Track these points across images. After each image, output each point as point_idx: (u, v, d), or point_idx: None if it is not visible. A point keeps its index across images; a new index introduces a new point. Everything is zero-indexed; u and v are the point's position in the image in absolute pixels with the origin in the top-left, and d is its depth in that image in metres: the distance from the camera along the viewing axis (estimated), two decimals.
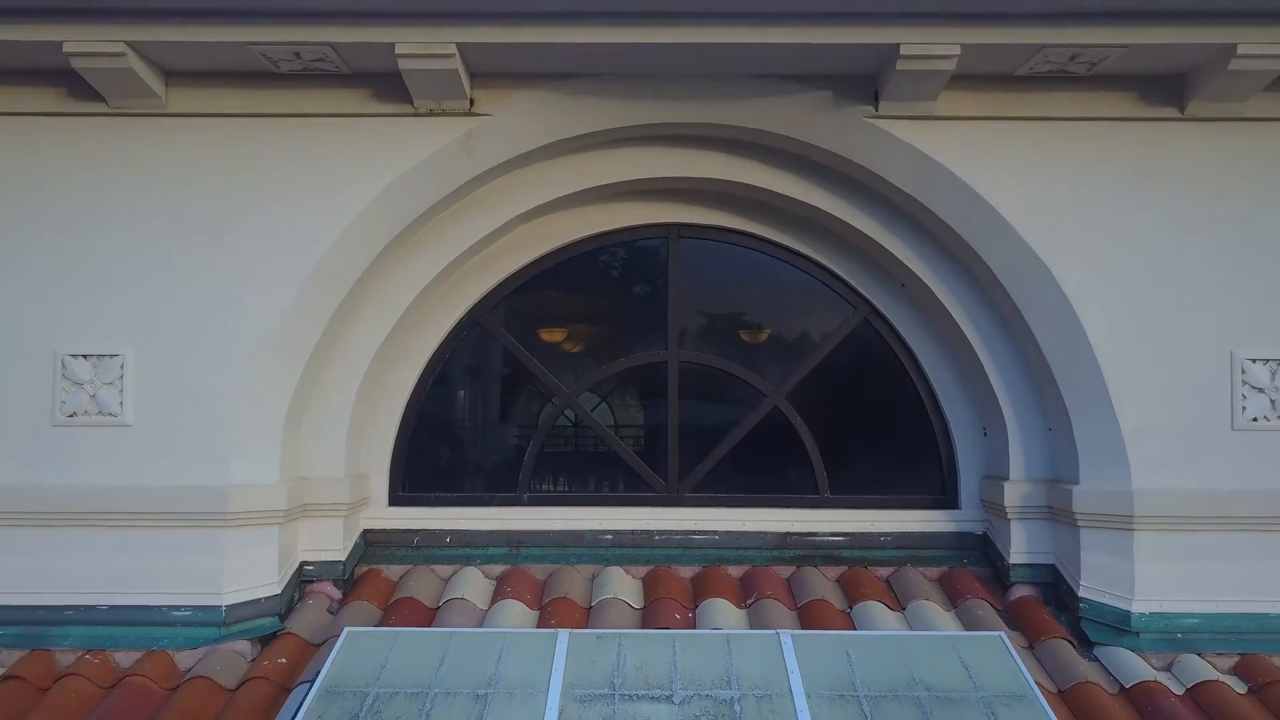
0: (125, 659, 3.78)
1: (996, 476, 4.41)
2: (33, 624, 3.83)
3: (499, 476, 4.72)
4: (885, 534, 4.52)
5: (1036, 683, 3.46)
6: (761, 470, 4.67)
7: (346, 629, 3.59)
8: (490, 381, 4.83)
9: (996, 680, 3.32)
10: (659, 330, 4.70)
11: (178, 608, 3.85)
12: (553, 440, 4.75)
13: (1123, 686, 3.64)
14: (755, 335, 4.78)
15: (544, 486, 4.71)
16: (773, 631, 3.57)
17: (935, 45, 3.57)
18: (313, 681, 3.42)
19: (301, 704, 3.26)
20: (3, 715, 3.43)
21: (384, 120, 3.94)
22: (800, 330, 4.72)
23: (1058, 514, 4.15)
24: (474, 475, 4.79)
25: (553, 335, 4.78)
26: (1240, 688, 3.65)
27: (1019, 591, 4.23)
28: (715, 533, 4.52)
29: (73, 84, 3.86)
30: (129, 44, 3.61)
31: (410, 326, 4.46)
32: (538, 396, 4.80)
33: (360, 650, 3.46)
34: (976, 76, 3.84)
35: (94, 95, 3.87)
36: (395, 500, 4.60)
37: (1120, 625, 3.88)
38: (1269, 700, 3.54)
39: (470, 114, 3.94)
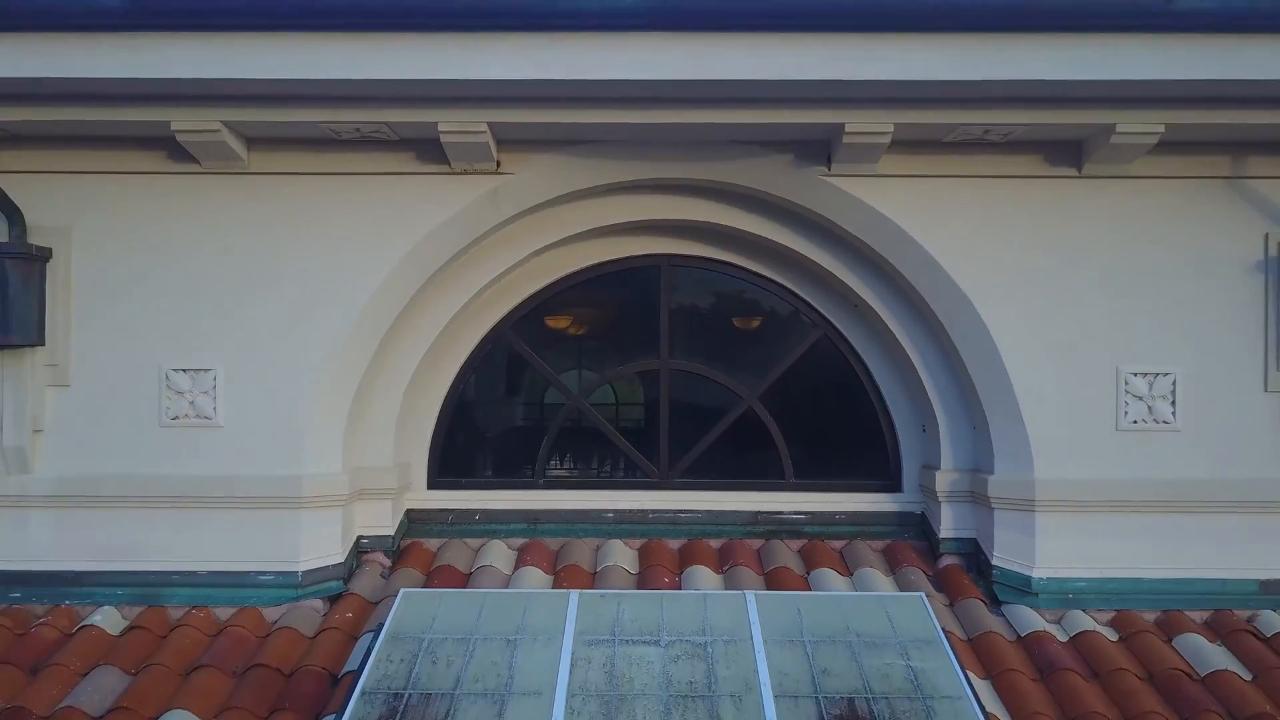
0: (223, 613, 4.71)
1: (931, 466, 5.32)
2: (146, 585, 4.77)
3: (519, 464, 5.65)
4: (840, 513, 5.45)
5: (949, 632, 4.40)
6: (737, 459, 5.58)
7: (403, 590, 4.52)
8: (511, 385, 5.74)
9: (913, 630, 4.24)
10: (653, 341, 5.60)
11: (263, 573, 4.79)
12: (564, 434, 5.66)
13: (1019, 635, 4.57)
14: (734, 345, 5.67)
15: (557, 473, 5.63)
16: (740, 592, 4.50)
17: (872, 124, 4.43)
18: (375, 631, 4.35)
19: (370, 648, 4.19)
20: (135, 655, 4.38)
21: (426, 178, 4.81)
22: (771, 342, 5.61)
23: (978, 498, 5.07)
24: (498, 463, 5.72)
25: (563, 346, 5.67)
26: (1113, 636, 4.57)
27: (946, 560, 5.15)
28: (698, 511, 5.44)
29: (172, 149, 4.73)
30: (223, 122, 4.48)
31: (445, 341, 5.36)
32: (551, 397, 5.70)
33: (414, 606, 4.39)
34: (911, 142, 4.69)
35: (189, 158, 4.75)
36: (433, 485, 5.52)
37: (1023, 588, 4.81)
38: (1133, 646, 4.48)
39: (497, 173, 4.81)
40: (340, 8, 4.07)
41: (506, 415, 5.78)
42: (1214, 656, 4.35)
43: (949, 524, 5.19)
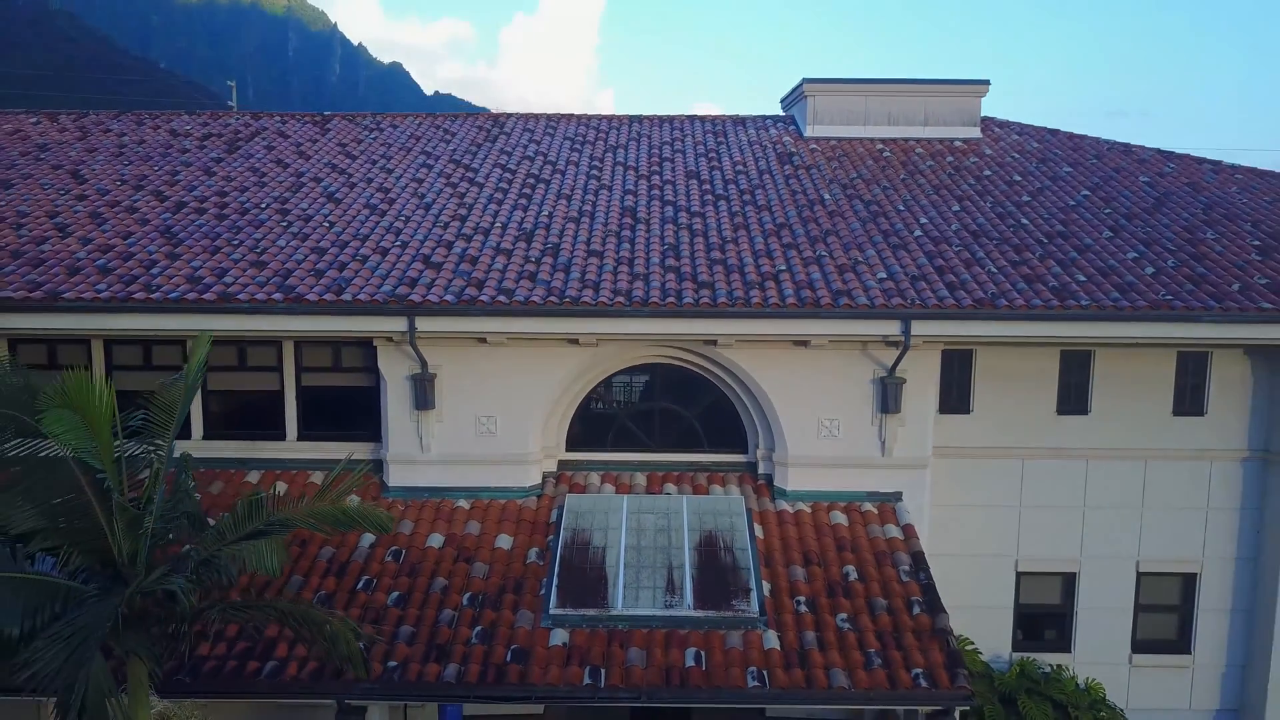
0: (502, 503, 13.46)
1: (758, 445, 13.95)
2: (472, 491, 13.52)
3: (601, 442, 14.27)
4: (723, 462, 14.12)
5: (750, 509, 13.16)
6: (685, 440, 14.21)
7: (567, 494, 13.28)
8: (595, 411, 14.30)
9: (736, 509, 12.97)
10: (652, 394, 14.14)
11: (514, 487, 13.53)
12: (618, 429, 14.26)
13: (777, 510, 13.32)
14: (684, 396, 14.17)
15: (616, 446, 14.26)
16: (681, 495, 13.24)
17: (728, 338, 12.86)
18: (560, 508, 13.13)
19: (560, 515, 12.97)
20: (478, 517, 13.18)
21: (568, 347, 13.23)
22: (698, 396, 14.13)
23: (771, 459, 13.71)
24: (593, 442, 14.33)
25: (616, 394, 14.21)
26: (809, 510, 13.31)
27: (760, 483, 13.85)
28: (668, 461, 14.11)
29: (479, 340, 13.17)
30: (506, 336, 12.93)
31: (572, 398, 13.91)
32: (612, 416, 14.28)
33: (573, 499, 13.14)
34: (746, 340, 13.08)
35: (484, 342, 13.18)
36: (568, 450, 14.18)
37: (783, 494, 13.52)
38: (815, 515, 13.23)
39: (595, 345, 13.25)
40: (553, 310, 12.51)
41: (594, 420, 14.37)
42: (839, 518, 13.12)
43: (761, 469, 13.89)
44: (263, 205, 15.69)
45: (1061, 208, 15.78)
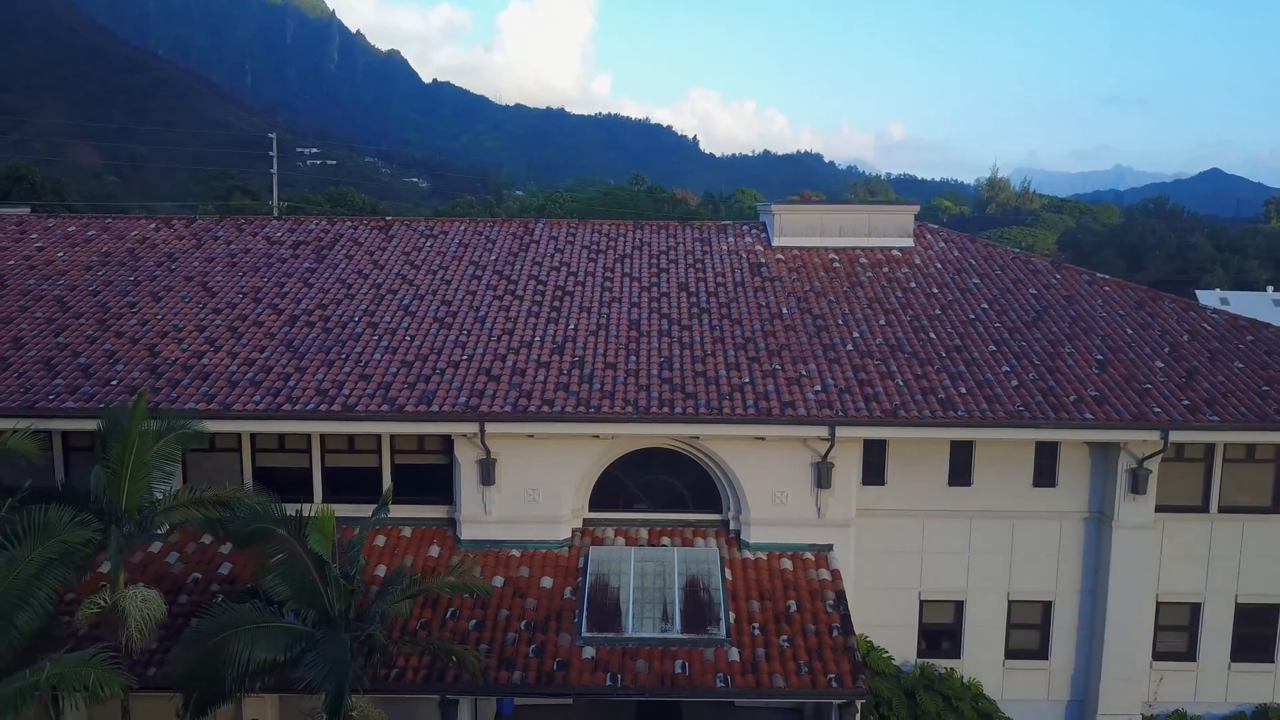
0: (541, 553, 18.58)
1: (729, 509, 19.08)
2: (521, 544, 18.64)
3: (615, 504, 19.38)
4: (705, 520, 19.26)
5: (722, 557, 18.32)
6: (675, 503, 19.33)
7: (591, 546, 18.42)
8: (611, 481, 19.39)
9: (713, 559, 18.12)
10: (652, 466, 19.23)
11: (551, 540, 18.67)
12: (626, 494, 19.37)
13: (743, 559, 18.45)
14: (677, 470, 19.28)
15: (626, 508, 19.38)
16: (673, 548, 18.39)
17: (708, 437, 17.96)
18: (586, 557, 18.28)
19: (586, 562, 18.13)
20: (527, 564, 18.33)
21: (591, 440, 18.32)
22: (688, 469, 19.22)
23: (738, 519, 18.84)
24: (609, 505, 19.44)
25: (626, 469, 19.31)
26: (764, 558, 18.47)
27: (730, 537, 18.99)
28: (664, 520, 19.23)
29: (523, 433, 18.26)
30: (549, 435, 18.03)
31: (595, 472, 19.01)
32: (623, 485, 19.38)
33: (596, 551, 18.29)
34: (719, 438, 18.18)
35: (528, 437, 18.26)
36: (590, 510, 19.29)
37: (747, 545, 18.65)
38: (757, 562, 18.38)
39: (610, 440, 18.33)
40: (582, 417, 17.62)
41: (610, 488, 19.45)
42: (786, 565, 18.29)
43: (732, 526, 19.03)
44: (355, 318, 20.72)
45: (963, 321, 20.87)
